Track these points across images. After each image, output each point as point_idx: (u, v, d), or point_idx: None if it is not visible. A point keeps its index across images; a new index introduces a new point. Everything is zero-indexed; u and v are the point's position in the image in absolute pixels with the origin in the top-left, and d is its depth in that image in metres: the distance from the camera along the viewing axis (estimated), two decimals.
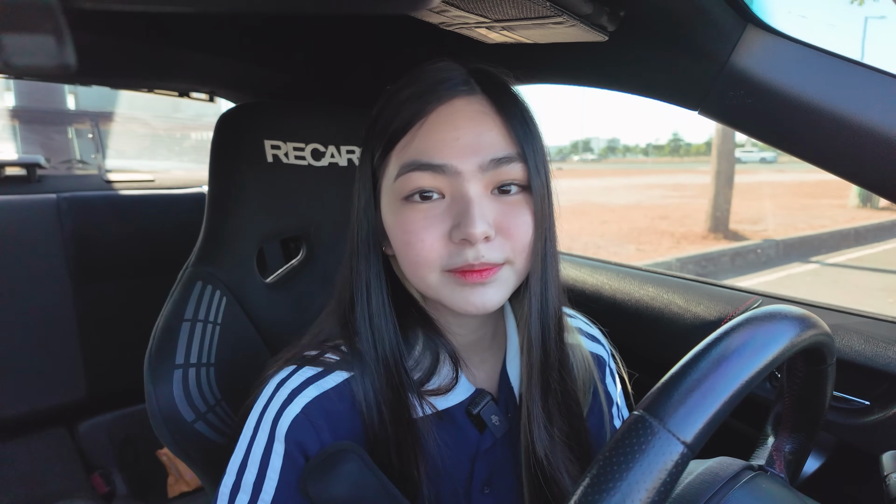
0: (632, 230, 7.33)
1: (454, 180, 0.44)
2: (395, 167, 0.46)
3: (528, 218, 0.46)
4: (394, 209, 0.47)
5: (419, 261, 0.45)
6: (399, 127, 0.46)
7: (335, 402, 0.48)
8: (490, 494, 0.51)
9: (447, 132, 0.44)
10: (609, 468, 0.28)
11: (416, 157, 0.45)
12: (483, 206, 0.44)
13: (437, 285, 0.46)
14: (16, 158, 1.53)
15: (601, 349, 0.62)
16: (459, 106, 0.46)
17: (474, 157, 0.44)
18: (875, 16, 12.52)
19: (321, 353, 0.50)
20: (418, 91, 0.46)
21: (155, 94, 1.26)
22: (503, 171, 0.45)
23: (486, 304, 0.45)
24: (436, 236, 0.44)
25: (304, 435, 0.46)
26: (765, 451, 0.46)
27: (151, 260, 1.52)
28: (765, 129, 0.60)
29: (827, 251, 6.34)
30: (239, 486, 0.46)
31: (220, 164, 0.77)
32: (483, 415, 0.50)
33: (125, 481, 1.47)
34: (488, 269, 0.44)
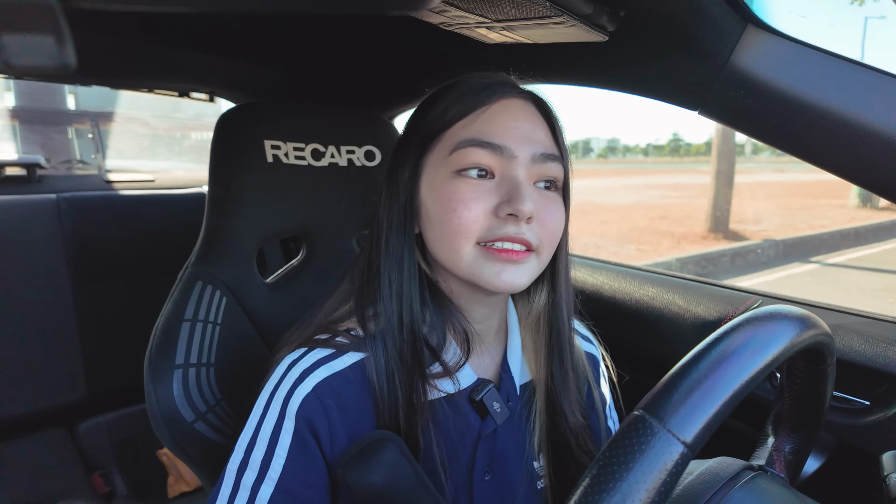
0: (632, 230, 7.33)
1: (508, 163, 0.48)
2: (450, 143, 0.50)
3: (561, 213, 0.52)
4: (441, 181, 0.49)
5: (461, 229, 0.48)
6: (461, 111, 0.50)
7: (345, 383, 0.49)
8: (491, 480, 0.53)
9: (508, 120, 0.49)
10: (609, 468, 0.28)
11: (477, 135, 0.48)
12: (530, 191, 0.48)
13: (469, 258, 0.48)
14: (16, 158, 1.53)
15: (594, 349, 0.66)
16: (518, 103, 0.51)
17: (529, 146, 0.49)
18: (875, 16, 12.52)
19: (333, 336, 0.52)
20: (483, 84, 0.51)
21: (155, 94, 1.26)
22: (547, 167, 0.50)
23: (515, 282, 0.48)
24: (481, 209, 0.47)
25: (314, 413, 0.47)
26: (765, 451, 0.46)
27: (151, 260, 1.52)
28: (765, 129, 0.60)
29: (827, 251, 6.34)
30: (247, 463, 0.47)
31: (220, 164, 0.77)
32: (485, 401, 0.52)
33: (125, 481, 1.47)
34: (524, 252, 0.48)
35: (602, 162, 49.21)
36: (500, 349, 0.57)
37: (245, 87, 1.23)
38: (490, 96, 0.50)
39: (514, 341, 0.57)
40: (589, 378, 0.60)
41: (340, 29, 0.98)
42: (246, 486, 0.47)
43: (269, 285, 0.81)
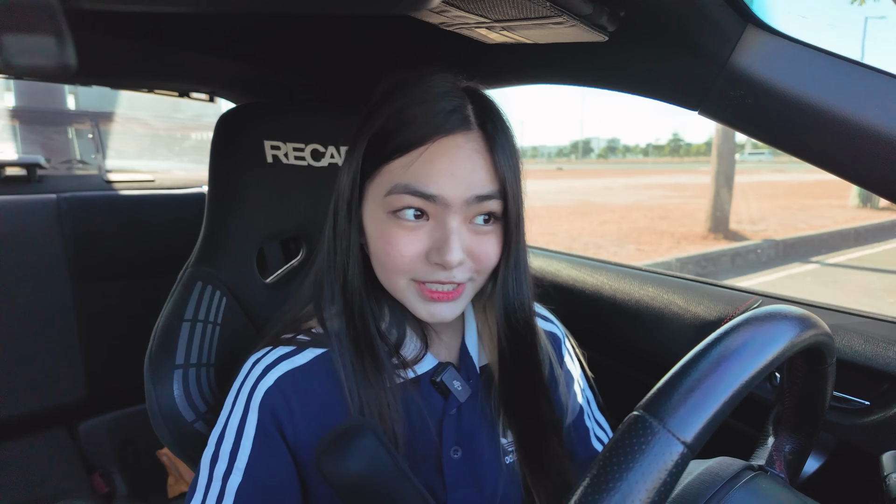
0: (632, 230, 7.33)
1: (441, 209, 0.49)
2: (387, 181, 0.49)
3: (496, 246, 0.53)
4: (378, 218, 0.51)
5: (395, 268, 0.51)
6: (402, 144, 0.49)
7: (306, 377, 0.53)
8: (461, 458, 0.56)
9: (445, 165, 0.48)
10: (609, 468, 0.28)
11: (412, 181, 0.48)
12: (461, 235, 0.50)
13: (404, 290, 0.52)
14: (16, 158, 1.53)
15: (555, 328, 0.68)
16: (460, 142, 0.49)
17: (464, 192, 0.49)
18: (875, 16, 12.52)
19: (296, 334, 0.56)
20: (425, 116, 0.49)
21: (155, 94, 1.27)
22: (483, 205, 0.50)
23: (447, 316, 0.52)
24: (414, 252, 0.49)
25: (276, 405, 0.51)
26: (765, 451, 0.46)
27: (151, 260, 1.52)
28: (765, 130, 0.60)
29: (827, 251, 6.34)
30: (217, 455, 0.51)
31: (219, 164, 0.77)
32: (445, 381, 0.55)
33: (125, 481, 1.47)
34: (454, 292, 0.51)
35: (602, 162, 49.18)
36: (459, 333, 0.61)
37: (245, 87, 1.23)
38: (431, 134, 0.48)
39: (469, 326, 0.60)
40: (550, 356, 0.62)
41: (340, 29, 0.98)
42: (217, 476, 0.50)
43: (269, 285, 0.81)
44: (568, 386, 0.64)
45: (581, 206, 10.14)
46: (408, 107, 0.49)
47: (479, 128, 0.50)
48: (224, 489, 0.49)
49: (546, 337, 0.64)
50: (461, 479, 0.55)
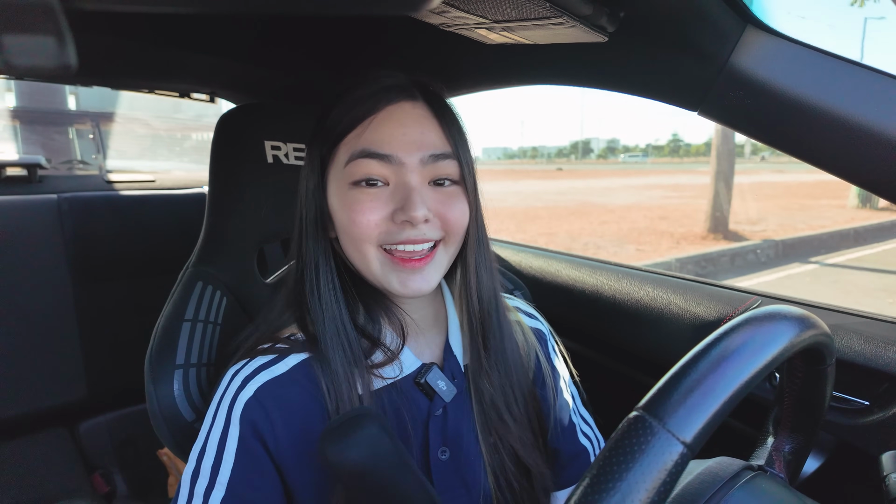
0: (631, 230, 7.33)
1: (398, 170, 0.51)
2: (345, 155, 0.52)
3: (462, 204, 0.54)
4: (342, 192, 0.52)
5: (362, 236, 0.51)
6: (351, 120, 0.52)
7: (286, 386, 0.52)
8: (449, 458, 0.55)
9: (395, 128, 0.51)
10: (609, 468, 0.29)
11: (366, 146, 0.50)
12: (423, 193, 0.51)
13: (375, 263, 0.52)
14: (17, 159, 1.53)
15: (540, 325, 0.68)
16: (406, 108, 0.52)
17: (417, 151, 0.51)
18: (875, 17, 12.52)
19: (274, 343, 0.55)
20: (370, 92, 0.52)
21: (156, 94, 1.26)
22: (440, 165, 0.52)
23: (422, 287, 0.52)
24: (379, 216, 0.50)
25: (257, 417, 0.50)
26: (764, 451, 0.46)
27: (152, 260, 1.52)
28: (764, 130, 0.60)
29: (826, 251, 6.33)
30: (198, 472, 0.49)
31: (220, 164, 0.77)
32: (430, 381, 0.54)
33: (126, 481, 1.47)
34: (426, 257, 0.52)
35: (602, 162, 49.17)
36: (443, 333, 0.60)
37: (246, 87, 1.23)
38: (377, 104, 0.51)
39: (452, 323, 0.60)
40: (537, 352, 0.63)
41: (341, 30, 0.98)
42: (199, 493, 0.48)
43: (269, 285, 0.81)
44: (555, 382, 0.64)
45: (581, 206, 10.14)
46: (354, 91, 0.53)
47: (423, 99, 0.54)
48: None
49: (532, 333, 0.64)
50: (449, 479, 0.55)
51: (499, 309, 0.59)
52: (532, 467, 0.57)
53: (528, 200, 11.22)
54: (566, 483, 0.64)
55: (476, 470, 0.56)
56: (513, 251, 1.27)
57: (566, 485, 0.64)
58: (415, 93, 0.53)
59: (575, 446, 0.65)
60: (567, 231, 7.22)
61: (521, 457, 0.56)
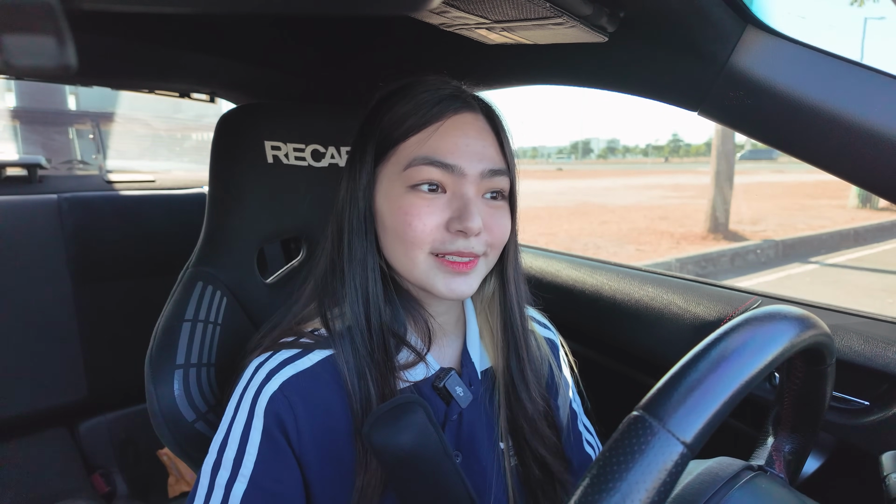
0: (631, 230, 7.33)
1: (458, 180, 0.52)
2: (405, 158, 0.52)
3: (507, 220, 0.55)
4: (396, 194, 0.52)
5: (415, 240, 0.51)
6: (416, 124, 0.52)
7: (310, 381, 0.52)
8: (461, 463, 0.56)
9: (460, 138, 0.52)
10: (609, 468, 0.29)
11: (430, 153, 0.51)
12: (478, 206, 0.52)
13: (423, 266, 0.52)
14: (17, 159, 1.53)
15: (553, 335, 0.69)
16: (469, 119, 0.53)
17: (479, 164, 0.52)
18: (875, 17, 12.53)
19: (298, 337, 0.55)
20: (437, 97, 0.53)
21: (156, 94, 1.27)
22: (495, 180, 0.53)
23: (465, 291, 0.53)
24: (434, 223, 0.51)
25: (282, 410, 0.50)
26: (764, 451, 0.46)
27: (152, 260, 1.52)
28: (764, 130, 0.61)
29: (826, 252, 6.33)
30: (220, 463, 0.50)
31: (220, 164, 0.77)
32: (448, 386, 0.55)
33: (126, 481, 1.46)
34: (472, 262, 0.52)
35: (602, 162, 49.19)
36: (460, 339, 0.61)
37: (246, 87, 1.23)
38: (443, 112, 0.52)
39: (472, 330, 0.61)
40: (550, 361, 0.64)
41: (341, 30, 0.98)
42: (220, 484, 0.49)
43: (269, 285, 0.81)
44: (564, 394, 0.65)
45: (581, 206, 10.14)
46: (416, 94, 0.53)
47: (481, 111, 0.55)
48: (228, 496, 0.48)
49: (545, 343, 0.65)
50: None
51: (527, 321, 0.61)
52: (557, 474, 0.58)
53: (528, 200, 11.20)
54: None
55: (488, 476, 0.56)
56: None
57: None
58: (475, 105, 0.55)
59: (582, 455, 0.66)
60: (567, 231, 7.22)
61: (549, 464, 0.57)
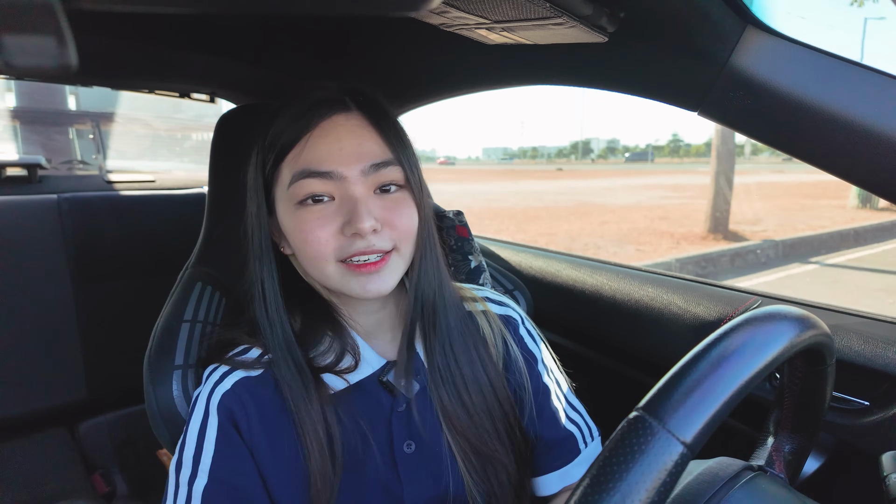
0: (631, 231, 7.33)
1: (341, 184, 0.51)
2: (287, 176, 0.52)
3: (410, 209, 0.54)
4: (290, 212, 0.53)
5: (317, 254, 0.52)
6: (288, 140, 0.52)
7: (260, 385, 0.55)
8: (415, 451, 0.57)
9: (331, 143, 0.51)
10: (609, 468, 0.29)
11: (305, 166, 0.51)
12: (369, 203, 0.51)
13: (335, 275, 0.53)
14: (17, 159, 1.53)
15: (511, 311, 0.68)
16: (340, 121, 0.53)
17: (357, 163, 0.51)
18: (875, 17, 12.53)
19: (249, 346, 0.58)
20: (302, 109, 0.53)
21: (156, 94, 1.27)
22: (383, 173, 0.53)
23: (381, 289, 0.53)
24: (329, 232, 0.51)
25: (234, 406, 0.53)
26: (764, 452, 0.46)
27: (152, 260, 1.52)
28: (764, 130, 0.61)
29: (826, 252, 6.33)
30: (181, 462, 0.52)
31: (220, 164, 0.77)
32: (391, 379, 0.57)
33: (126, 481, 1.46)
34: (380, 261, 0.52)
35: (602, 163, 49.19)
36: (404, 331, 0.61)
37: (246, 87, 1.23)
38: (310, 121, 0.52)
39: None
40: (506, 337, 0.64)
41: (340, 30, 0.98)
42: (183, 482, 0.51)
43: None
44: (528, 366, 0.64)
45: (581, 206, 10.14)
46: (288, 109, 0.54)
47: (357, 109, 0.54)
48: (191, 493, 0.50)
49: (498, 319, 0.65)
50: (416, 472, 0.57)
51: (446, 306, 0.60)
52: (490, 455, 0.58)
53: (529, 200, 11.23)
54: (549, 467, 0.64)
55: (442, 461, 0.57)
56: (513, 251, 1.27)
57: (549, 469, 0.64)
58: (347, 103, 0.54)
59: (558, 431, 0.64)
60: (567, 231, 7.22)
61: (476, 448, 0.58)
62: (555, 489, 0.64)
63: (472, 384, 0.59)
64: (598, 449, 0.66)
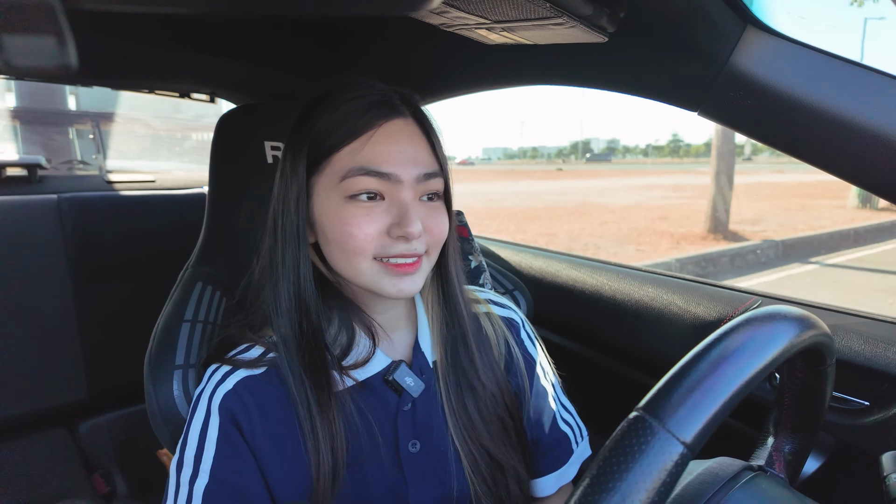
0: (631, 231, 7.33)
1: (395, 187, 0.53)
2: (341, 168, 0.53)
3: (445, 218, 0.57)
4: (335, 204, 0.53)
5: (357, 249, 0.52)
6: (346, 134, 0.53)
7: (262, 384, 0.55)
8: (420, 450, 0.57)
9: (392, 146, 0.53)
10: (609, 468, 0.29)
11: (365, 163, 0.52)
12: (417, 209, 0.53)
13: (368, 272, 0.54)
14: (17, 159, 1.53)
15: (513, 314, 0.70)
16: (399, 125, 0.54)
17: (413, 169, 0.53)
18: (875, 17, 12.53)
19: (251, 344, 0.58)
20: (365, 105, 0.54)
21: (156, 94, 1.27)
22: (430, 183, 0.55)
23: (412, 290, 0.54)
24: (375, 230, 0.52)
25: (235, 406, 0.53)
26: (765, 452, 0.46)
27: (152, 260, 1.52)
28: (764, 130, 0.61)
29: (826, 252, 6.33)
30: (182, 462, 0.52)
31: (220, 165, 0.77)
32: (397, 378, 0.57)
33: (126, 481, 1.46)
34: (415, 264, 0.54)
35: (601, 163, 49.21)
36: (413, 331, 0.62)
37: (246, 87, 1.23)
38: (374, 121, 0.53)
39: (422, 322, 0.62)
40: (508, 339, 0.66)
41: (341, 30, 0.98)
42: (184, 482, 0.51)
43: None
44: (528, 369, 0.66)
45: (581, 206, 10.14)
46: (345, 102, 0.54)
47: (411, 115, 0.56)
48: (191, 493, 0.50)
49: (501, 322, 0.67)
50: (421, 472, 0.57)
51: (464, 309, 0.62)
52: (503, 461, 0.59)
53: (529, 200, 11.23)
54: (548, 469, 0.66)
55: (447, 461, 0.58)
56: (513, 251, 1.27)
57: (548, 471, 0.66)
58: (405, 110, 0.55)
59: (555, 433, 0.66)
60: (567, 231, 7.21)
61: (491, 453, 0.59)
62: (552, 490, 0.66)
63: (481, 388, 0.60)
64: (586, 448, 0.69)
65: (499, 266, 1.08)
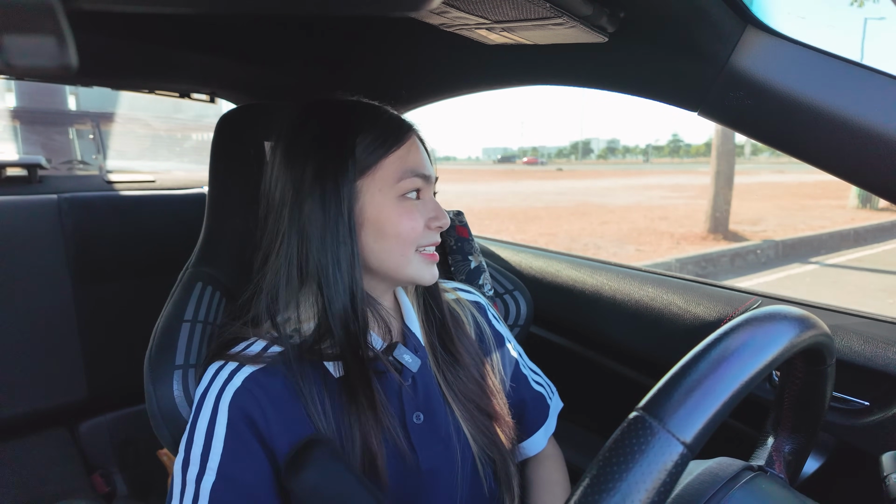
0: (631, 231, 7.33)
1: (428, 186, 0.63)
2: (393, 171, 0.60)
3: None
4: (388, 201, 0.60)
5: (409, 240, 0.60)
6: (394, 143, 0.61)
7: (270, 376, 0.56)
8: (424, 421, 0.62)
9: (422, 152, 0.64)
10: (609, 468, 0.29)
11: (414, 167, 0.61)
12: None
13: (415, 261, 0.62)
14: (17, 159, 1.53)
15: (479, 298, 0.80)
16: (415, 137, 0.64)
17: (433, 172, 0.64)
18: (875, 17, 12.53)
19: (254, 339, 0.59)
20: (396, 120, 0.63)
21: (156, 94, 1.27)
22: (435, 184, 0.66)
23: (437, 275, 0.65)
24: (420, 223, 0.61)
25: (247, 402, 0.54)
26: (764, 452, 0.46)
27: (152, 260, 1.52)
28: (764, 130, 0.61)
29: (826, 252, 6.33)
30: (188, 461, 0.53)
31: (220, 165, 0.77)
32: (396, 356, 0.60)
33: (126, 481, 1.47)
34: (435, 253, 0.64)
35: (602, 163, 49.21)
36: (399, 318, 0.68)
37: (246, 87, 1.23)
38: (406, 132, 0.62)
39: (406, 307, 0.68)
40: (478, 320, 0.75)
41: (340, 30, 0.98)
42: (190, 480, 0.52)
43: None
44: (499, 345, 0.75)
45: (581, 206, 10.15)
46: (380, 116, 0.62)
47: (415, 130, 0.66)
48: (198, 491, 0.51)
49: (471, 305, 0.76)
50: (427, 439, 0.61)
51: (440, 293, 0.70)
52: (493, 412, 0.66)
53: (529, 201, 11.23)
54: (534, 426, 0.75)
55: (449, 428, 0.63)
56: (513, 251, 1.27)
57: (535, 428, 0.75)
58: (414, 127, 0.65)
59: (529, 392, 0.76)
60: (567, 231, 7.22)
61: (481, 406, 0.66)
62: (543, 442, 0.76)
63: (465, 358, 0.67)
64: (559, 401, 0.80)
65: (499, 266, 1.08)
